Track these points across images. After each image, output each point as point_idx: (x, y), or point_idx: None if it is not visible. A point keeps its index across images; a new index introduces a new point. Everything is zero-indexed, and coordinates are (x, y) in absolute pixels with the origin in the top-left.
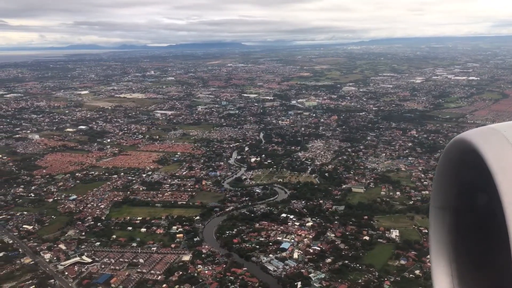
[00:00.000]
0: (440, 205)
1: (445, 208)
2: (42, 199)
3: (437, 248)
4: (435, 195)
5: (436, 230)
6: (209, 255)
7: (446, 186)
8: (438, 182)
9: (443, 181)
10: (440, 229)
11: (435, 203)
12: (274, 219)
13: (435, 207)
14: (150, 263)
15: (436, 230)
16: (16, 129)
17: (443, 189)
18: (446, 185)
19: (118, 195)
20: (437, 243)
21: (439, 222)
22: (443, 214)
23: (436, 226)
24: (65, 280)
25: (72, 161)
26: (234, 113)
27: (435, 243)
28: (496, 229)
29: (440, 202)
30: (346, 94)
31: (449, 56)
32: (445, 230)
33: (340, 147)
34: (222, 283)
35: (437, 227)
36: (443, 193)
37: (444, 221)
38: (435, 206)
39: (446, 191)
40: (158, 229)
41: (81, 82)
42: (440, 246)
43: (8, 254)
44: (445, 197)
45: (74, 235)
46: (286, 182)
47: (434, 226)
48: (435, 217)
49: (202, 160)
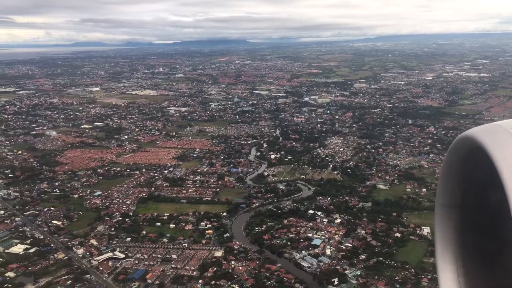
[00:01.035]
0: (446, 203)
1: (451, 206)
2: (67, 195)
3: (443, 246)
4: (441, 192)
5: (442, 228)
6: (241, 251)
7: (452, 184)
8: (444, 180)
9: (449, 178)
10: (446, 227)
11: (441, 201)
12: (302, 215)
13: (441, 205)
14: (183, 259)
15: (442, 228)
16: (32, 125)
17: (449, 186)
18: (452, 183)
19: (143, 191)
20: (443, 241)
21: (445, 220)
22: (449, 212)
23: (442, 224)
24: (100, 275)
25: (92, 157)
26: (248, 109)
27: (441, 241)
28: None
29: (446, 200)
30: (358, 91)
31: (457, 53)
32: (451, 228)
33: (359, 143)
34: (257, 279)
35: (443, 225)
36: (449, 191)
37: (450, 219)
38: (441, 204)
39: (452, 189)
40: (187, 225)
41: (91, 79)
42: (446, 244)
43: (41, 249)
44: (451, 195)
45: (103, 230)
46: (309, 178)
47: (440, 224)
48: (441, 215)
49: (222, 157)
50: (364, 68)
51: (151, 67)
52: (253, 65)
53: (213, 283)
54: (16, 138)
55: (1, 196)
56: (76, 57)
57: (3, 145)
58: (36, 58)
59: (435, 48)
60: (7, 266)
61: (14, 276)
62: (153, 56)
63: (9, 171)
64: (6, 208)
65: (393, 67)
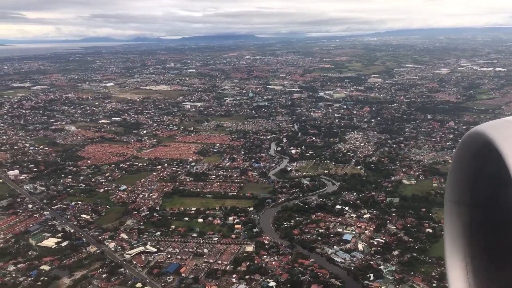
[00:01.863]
0: (455, 199)
1: (460, 202)
2: (93, 189)
3: (452, 242)
4: (450, 189)
5: (451, 224)
6: (272, 246)
7: (462, 180)
8: (453, 176)
9: (459, 174)
10: (455, 223)
11: (450, 197)
12: (329, 210)
13: (450, 201)
14: (215, 253)
15: (451, 224)
16: (50, 120)
17: (459, 183)
18: (461, 179)
19: (167, 186)
20: (452, 237)
21: (454, 216)
22: (458, 208)
23: (451, 220)
24: (134, 269)
25: (114, 152)
26: (264, 104)
27: (450, 237)
28: None
29: (455, 196)
30: (373, 86)
31: (469, 47)
32: (460, 224)
33: (379, 138)
34: (292, 274)
35: (452, 221)
36: (459, 187)
37: (459, 215)
38: (450, 200)
39: (461, 185)
40: (215, 220)
41: (103, 74)
42: (455, 241)
43: (72, 242)
44: (461, 191)
45: (132, 224)
46: (333, 173)
47: (449, 220)
48: (450, 211)
49: (243, 152)
50: (376, 63)
51: (162, 63)
52: (264, 60)
53: (247, 277)
54: (36, 133)
55: (28, 190)
56: (86, 52)
57: (24, 139)
58: (47, 53)
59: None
60: (41, 259)
61: (49, 269)
62: (163, 52)
63: (32, 166)
64: (34, 202)
65: (405, 61)
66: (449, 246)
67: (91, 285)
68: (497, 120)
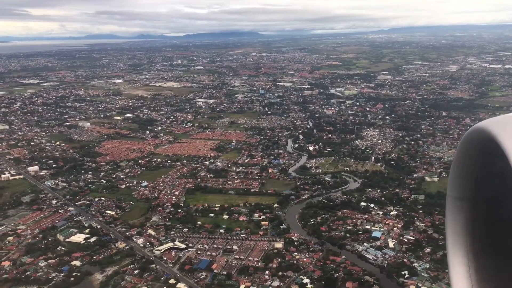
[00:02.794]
0: (458, 195)
1: (462, 198)
2: (114, 185)
3: (454, 238)
4: (453, 185)
5: (453, 220)
6: (301, 243)
7: (464, 176)
8: (455, 172)
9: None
10: (457, 219)
11: (452, 193)
12: (354, 207)
13: (453, 198)
14: (244, 250)
15: (453, 220)
16: (64, 116)
17: (461, 179)
18: (463, 175)
19: (188, 182)
20: (454, 233)
21: (456, 213)
22: (460, 205)
23: (453, 216)
24: (165, 265)
25: (131, 148)
26: (275, 101)
27: (451, 233)
28: None
29: (457, 192)
30: (383, 83)
31: (476, 44)
32: (462, 221)
33: (396, 135)
34: (324, 271)
35: (455, 218)
36: (461, 183)
37: (461, 211)
38: (452, 196)
39: (463, 181)
40: (241, 216)
41: (111, 71)
42: (457, 237)
43: (100, 238)
44: (463, 187)
45: (158, 221)
46: (353, 170)
47: (451, 216)
48: (452, 207)
49: (260, 148)
50: (383, 60)
51: (168, 59)
52: (270, 57)
53: (280, 274)
54: (51, 129)
55: (50, 186)
56: (92, 49)
57: (40, 136)
58: (52, 50)
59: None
60: (71, 255)
61: (80, 265)
62: (168, 49)
63: (51, 162)
64: (57, 198)
65: (413, 59)
66: (451, 242)
67: (124, 281)
68: (500, 116)
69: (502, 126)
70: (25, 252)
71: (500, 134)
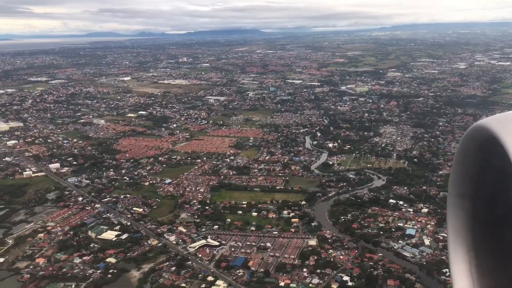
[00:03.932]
0: (459, 193)
1: (463, 196)
2: (138, 183)
3: (455, 236)
4: (453, 183)
5: (454, 218)
6: (335, 240)
7: (465, 174)
8: (457, 169)
9: (462, 168)
10: (458, 217)
11: (453, 191)
12: (384, 205)
13: (454, 195)
14: (279, 247)
15: (454, 218)
16: (77, 114)
17: (462, 176)
18: (465, 173)
19: (211, 179)
20: (455, 231)
21: (457, 210)
22: (462, 202)
23: (454, 214)
24: (200, 262)
25: (149, 145)
26: (287, 99)
27: (453, 231)
28: None
29: (458, 190)
30: (393, 80)
31: (481, 42)
32: (463, 218)
33: (414, 133)
34: (363, 269)
35: (455, 215)
36: (462, 180)
37: (463, 209)
38: (453, 194)
39: (465, 179)
40: (270, 214)
41: (118, 68)
42: (458, 234)
43: (132, 235)
44: (464, 185)
45: (187, 218)
46: (376, 167)
47: (452, 214)
48: (453, 205)
49: (279, 146)
50: (390, 57)
51: (173, 57)
52: (275, 54)
53: (318, 271)
54: (66, 127)
55: (73, 183)
56: (94, 47)
57: (55, 133)
58: (55, 48)
59: (457, 37)
60: (104, 252)
61: (115, 262)
62: (172, 46)
63: (71, 159)
64: (83, 195)
65: (420, 56)
66: (453, 239)
67: (162, 278)
68: (501, 114)
69: (503, 124)
70: (58, 249)
71: (501, 132)
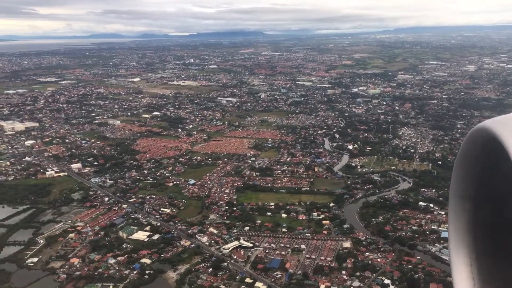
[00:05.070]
0: (460, 194)
1: (465, 197)
2: (162, 183)
3: (457, 238)
4: (455, 184)
5: (455, 220)
6: (370, 243)
7: (467, 175)
8: (458, 171)
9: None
10: (460, 219)
11: (454, 193)
12: (414, 207)
13: (455, 197)
14: (314, 249)
15: (456, 220)
16: (91, 114)
17: (464, 178)
18: (467, 174)
19: (235, 180)
20: (457, 233)
21: (459, 212)
22: (463, 204)
23: (455, 215)
24: (236, 263)
25: (167, 146)
26: (300, 100)
27: (454, 234)
28: None
29: (460, 191)
30: (404, 82)
31: (487, 45)
32: (465, 220)
33: (434, 135)
34: (403, 272)
35: (457, 217)
36: (463, 182)
37: (464, 210)
38: (455, 195)
39: (466, 181)
40: (300, 215)
41: (126, 69)
42: (459, 237)
43: (164, 236)
44: (466, 186)
45: (216, 219)
46: (400, 170)
47: (453, 215)
48: (455, 207)
49: (299, 147)
50: (397, 59)
51: (180, 58)
52: (282, 56)
53: (358, 274)
54: (82, 127)
55: (97, 183)
56: (99, 48)
57: (72, 133)
58: (60, 49)
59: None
60: (138, 252)
61: (150, 262)
62: (177, 48)
63: (92, 159)
64: (108, 196)
65: (427, 58)
66: (454, 242)
67: (200, 280)
68: (503, 116)
69: (506, 125)
70: (91, 249)
71: (504, 134)
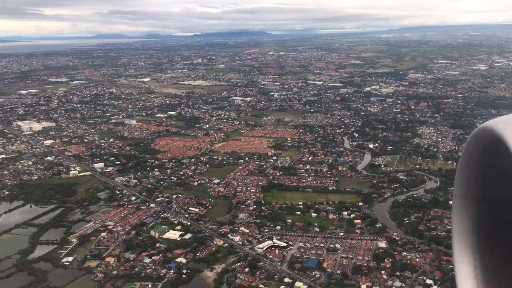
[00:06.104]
0: (464, 194)
1: (469, 198)
2: (186, 182)
3: (460, 238)
4: (459, 184)
5: (459, 221)
6: (405, 242)
7: (470, 176)
8: (462, 171)
9: (468, 170)
10: (464, 219)
11: (458, 192)
12: (445, 206)
13: (459, 197)
14: (349, 249)
15: (460, 220)
16: (106, 114)
17: (467, 178)
18: (470, 175)
19: (260, 180)
20: (460, 233)
21: (462, 212)
22: (467, 204)
23: (459, 215)
24: (272, 263)
25: (187, 145)
26: (313, 99)
27: (458, 233)
28: None
29: (463, 191)
30: (416, 81)
31: (494, 43)
32: (468, 220)
33: (454, 134)
34: (444, 272)
35: (461, 217)
36: (467, 183)
37: (468, 210)
38: (458, 196)
39: (470, 181)
40: (330, 215)
41: (135, 70)
42: (463, 237)
43: (196, 235)
44: (469, 186)
45: (246, 218)
46: (426, 168)
47: (457, 215)
48: (458, 207)
49: (319, 146)
50: (405, 58)
51: (187, 58)
52: (289, 56)
53: (398, 274)
54: (99, 127)
55: (121, 183)
56: (106, 48)
57: (90, 133)
58: (67, 50)
59: (469, 39)
60: (172, 252)
61: (185, 262)
62: (183, 48)
63: (113, 159)
64: (135, 195)
65: (436, 57)
66: (457, 242)
67: (238, 279)
68: (506, 116)
69: (508, 125)
70: (125, 248)
71: (506, 134)
